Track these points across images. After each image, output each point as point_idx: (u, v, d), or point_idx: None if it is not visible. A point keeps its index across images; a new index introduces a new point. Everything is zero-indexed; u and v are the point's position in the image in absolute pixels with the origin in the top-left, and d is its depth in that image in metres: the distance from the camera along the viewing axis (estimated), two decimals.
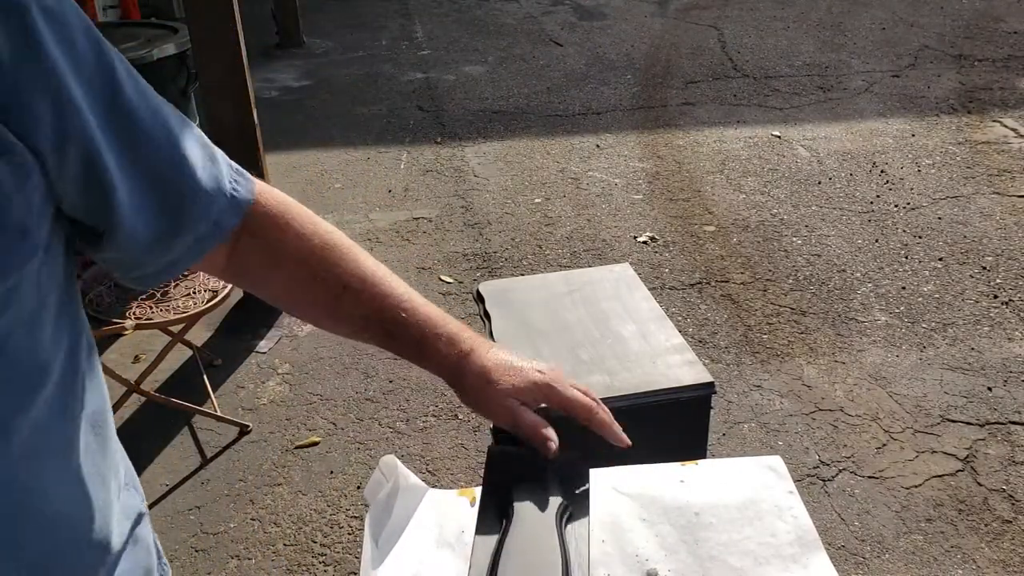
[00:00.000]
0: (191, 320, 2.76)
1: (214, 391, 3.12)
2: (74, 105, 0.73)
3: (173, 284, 2.87)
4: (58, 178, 0.73)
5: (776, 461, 1.32)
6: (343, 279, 0.97)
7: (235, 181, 0.93)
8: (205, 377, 3.14)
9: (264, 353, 3.38)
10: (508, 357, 1.01)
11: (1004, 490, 2.68)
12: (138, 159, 0.81)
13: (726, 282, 3.77)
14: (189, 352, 3.25)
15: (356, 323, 1.00)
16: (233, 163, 0.95)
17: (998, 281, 3.73)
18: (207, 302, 2.76)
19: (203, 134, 0.92)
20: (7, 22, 0.66)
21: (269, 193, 0.98)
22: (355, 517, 2.65)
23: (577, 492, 1.08)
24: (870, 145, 5.02)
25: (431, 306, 1.01)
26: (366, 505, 1.50)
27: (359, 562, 1.65)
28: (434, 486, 1.25)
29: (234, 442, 2.95)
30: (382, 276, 0.99)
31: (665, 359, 2.08)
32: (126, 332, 2.61)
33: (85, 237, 0.81)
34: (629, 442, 1.05)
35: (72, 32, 0.73)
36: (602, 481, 1.24)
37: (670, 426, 2.04)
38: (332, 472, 2.82)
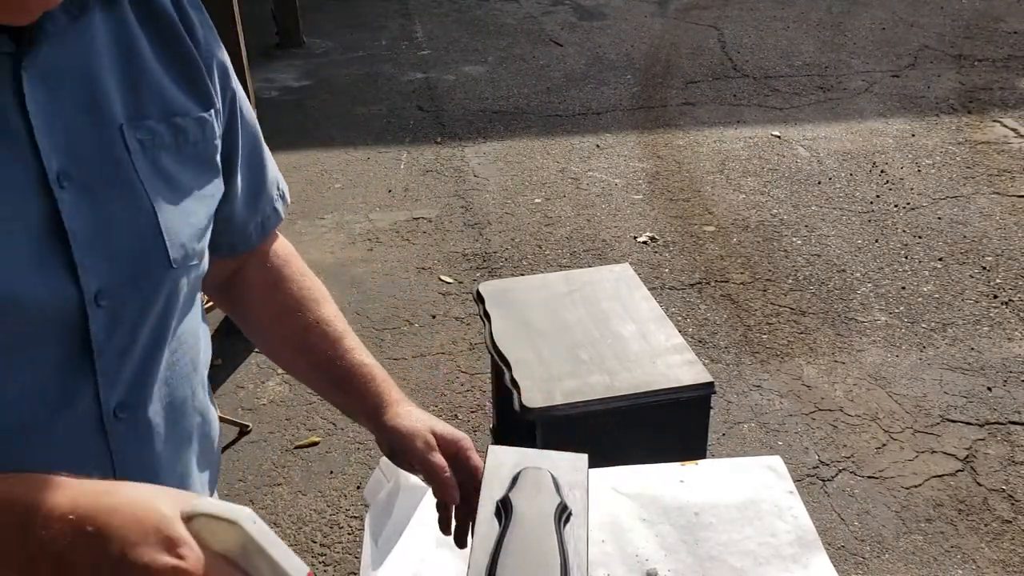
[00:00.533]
0: None
1: (214, 391, 3.11)
2: (227, 69, 0.95)
3: None
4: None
5: (776, 461, 1.32)
6: (320, 317, 1.10)
7: (283, 187, 1.12)
8: None
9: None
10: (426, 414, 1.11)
11: (1004, 490, 2.68)
12: (243, 129, 1.00)
13: (726, 282, 3.77)
14: None
15: (317, 358, 1.09)
16: None
17: (998, 281, 3.73)
18: (207, 302, 2.76)
19: None
20: (200, 9, 0.92)
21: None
22: (355, 517, 2.65)
23: (577, 492, 1.08)
24: (870, 145, 5.02)
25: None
26: (366, 505, 1.50)
27: (359, 562, 1.65)
28: None
29: (234, 442, 2.95)
30: (348, 330, 1.12)
31: (665, 359, 2.08)
32: None
33: None
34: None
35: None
36: (602, 481, 1.24)
37: (670, 426, 2.05)
38: (332, 472, 2.82)
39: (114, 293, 0.80)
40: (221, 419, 2.96)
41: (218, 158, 0.93)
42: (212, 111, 0.91)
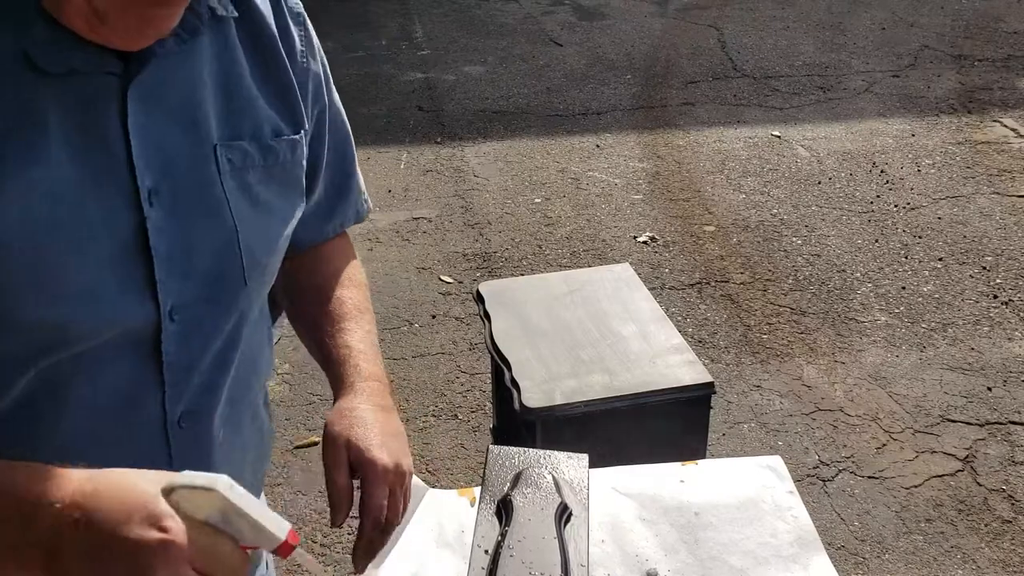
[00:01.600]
0: None
1: None
2: (322, 83, 1.00)
3: None
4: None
5: (776, 461, 1.32)
6: (338, 296, 1.11)
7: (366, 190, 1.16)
8: None
9: None
10: (381, 417, 0.99)
11: (1004, 490, 2.68)
12: (333, 138, 1.04)
13: (726, 282, 3.77)
14: None
15: (319, 334, 1.08)
16: None
17: (998, 281, 3.73)
18: None
19: None
20: (302, 24, 0.97)
21: None
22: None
23: (577, 492, 1.08)
24: (870, 145, 5.02)
25: (376, 349, 1.09)
26: None
27: None
28: (434, 486, 1.26)
29: None
30: (357, 314, 1.10)
31: (665, 359, 2.08)
32: None
33: None
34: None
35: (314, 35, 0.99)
36: (602, 481, 1.24)
37: (670, 426, 2.05)
38: None
39: (188, 310, 0.82)
40: None
41: (303, 177, 0.95)
42: (302, 132, 0.93)
